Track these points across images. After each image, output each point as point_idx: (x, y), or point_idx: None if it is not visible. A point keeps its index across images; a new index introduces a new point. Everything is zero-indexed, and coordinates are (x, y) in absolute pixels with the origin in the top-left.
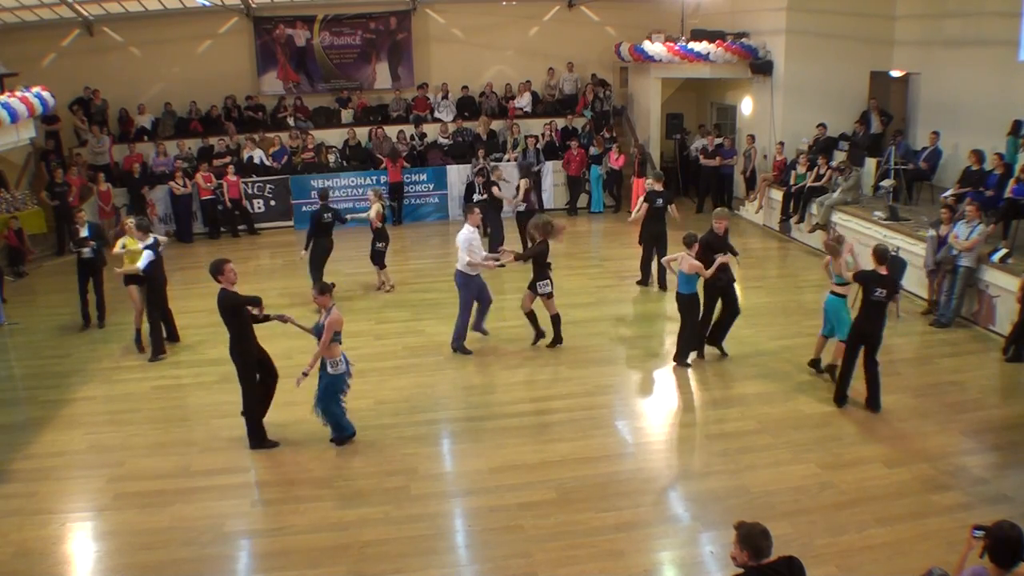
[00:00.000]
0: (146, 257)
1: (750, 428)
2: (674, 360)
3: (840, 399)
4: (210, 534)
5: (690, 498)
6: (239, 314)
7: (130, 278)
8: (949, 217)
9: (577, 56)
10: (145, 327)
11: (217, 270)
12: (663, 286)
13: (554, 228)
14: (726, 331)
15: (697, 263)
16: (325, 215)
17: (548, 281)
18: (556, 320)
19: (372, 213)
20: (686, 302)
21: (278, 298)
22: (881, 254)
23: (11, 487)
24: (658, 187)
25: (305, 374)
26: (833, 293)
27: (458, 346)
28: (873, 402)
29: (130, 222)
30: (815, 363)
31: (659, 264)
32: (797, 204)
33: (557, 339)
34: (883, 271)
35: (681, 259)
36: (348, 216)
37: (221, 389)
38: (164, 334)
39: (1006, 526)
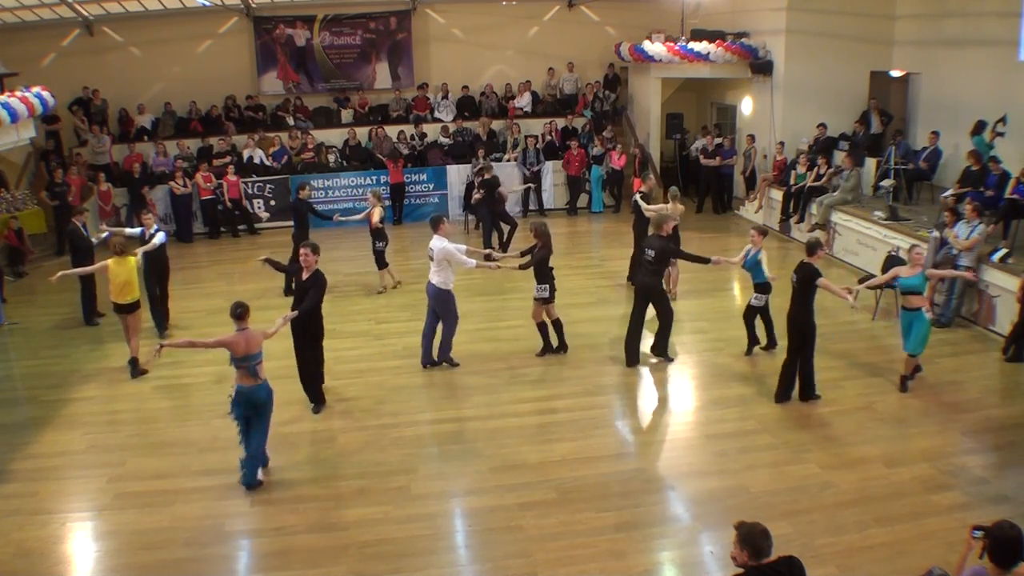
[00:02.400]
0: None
1: (750, 428)
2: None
3: (781, 396)
4: (210, 534)
5: (690, 498)
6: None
7: (117, 307)
8: (952, 219)
9: (577, 56)
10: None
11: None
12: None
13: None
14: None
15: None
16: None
17: (546, 286)
18: (542, 328)
19: (376, 216)
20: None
21: (279, 297)
22: (809, 246)
23: (11, 487)
24: (643, 188)
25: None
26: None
27: (444, 358)
28: (783, 394)
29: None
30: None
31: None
32: (797, 204)
33: (548, 347)
34: (806, 259)
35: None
36: (336, 216)
37: (221, 389)
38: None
39: (1006, 526)
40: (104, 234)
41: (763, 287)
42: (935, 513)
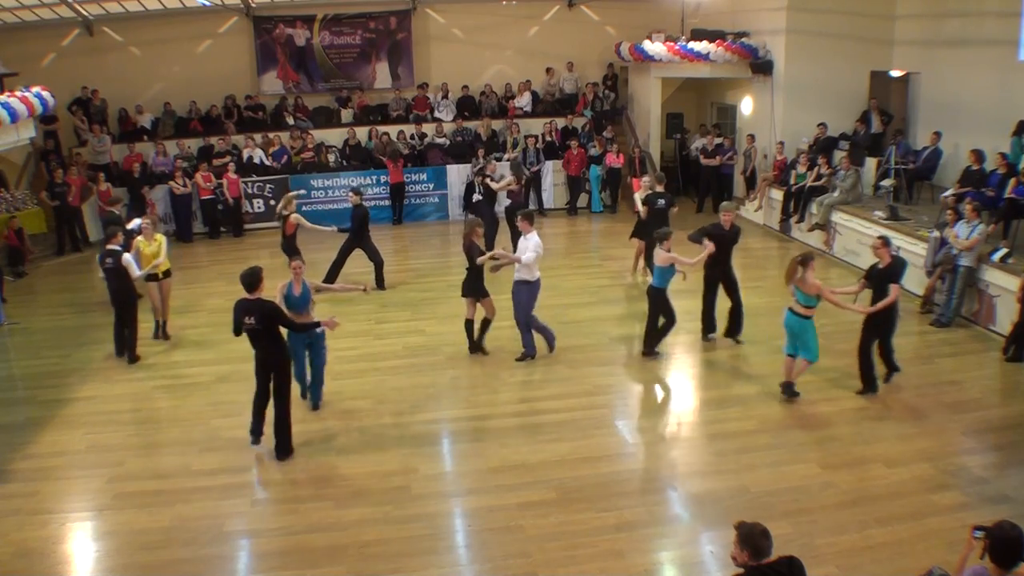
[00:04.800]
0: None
1: (750, 428)
2: (643, 353)
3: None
4: (210, 534)
5: (690, 498)
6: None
7: (150, 276)
8: (954, 219)
9: (577, 56)
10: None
11: (258, 280)
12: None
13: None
14: (739, 320)
15: (669, 255)
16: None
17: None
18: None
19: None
20: (653, 296)
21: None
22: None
23: (11, 487)
24: (659, 188)
25: None
26: (793, 312)
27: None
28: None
29: (146, 222)
30: (788, 386)
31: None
32: (797, 204)
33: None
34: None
35: (656, 254)
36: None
37: (221, 389)
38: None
39: (1006, 526)
40: (135, 223)
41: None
42: (935, 513)
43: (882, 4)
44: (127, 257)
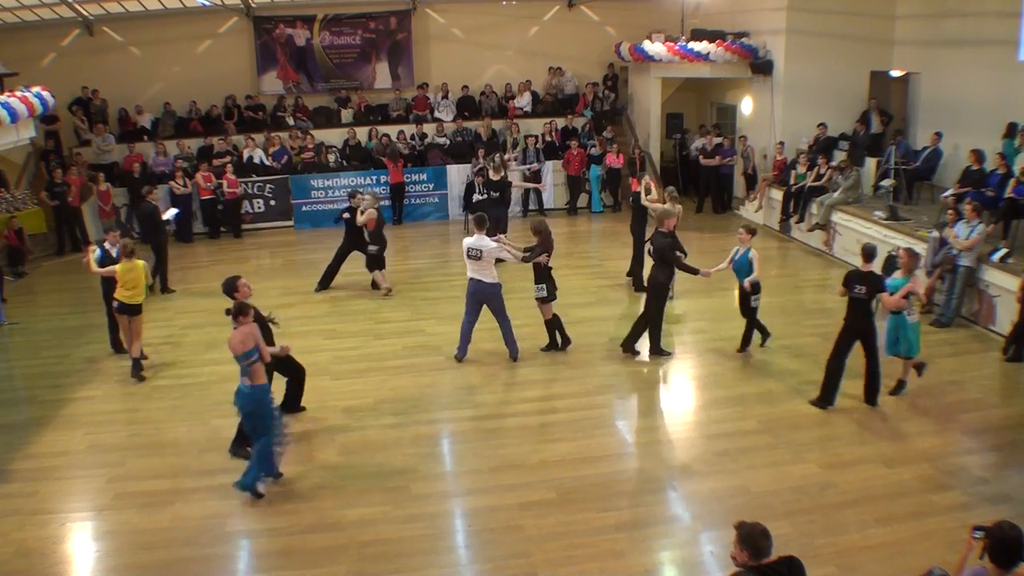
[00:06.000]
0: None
1: (750, 428)
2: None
3: (826, 400)
4: (210, 534)
5: (690, 498)
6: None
7: (124, 307)
8: (954, 219)
9: (577, 56)
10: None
11: (232, 287)
12: (638, 288)
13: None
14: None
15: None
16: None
17: (543, 286)
18: (549, 326)
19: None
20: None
21: (279, 297)
22: (868, 252)
23: (11, 487)
24: (637, 188)
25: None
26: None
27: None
28: (871, 397)
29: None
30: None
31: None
32: (797, 204)
33: (553, 344)
34: (867, 268)
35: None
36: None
37: (221, 389)
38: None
39: (1006, 526)
40: (172, 212)
41: (755, 286)
42: (935, 513)
43: (882, 4)
44: (89, 258)
